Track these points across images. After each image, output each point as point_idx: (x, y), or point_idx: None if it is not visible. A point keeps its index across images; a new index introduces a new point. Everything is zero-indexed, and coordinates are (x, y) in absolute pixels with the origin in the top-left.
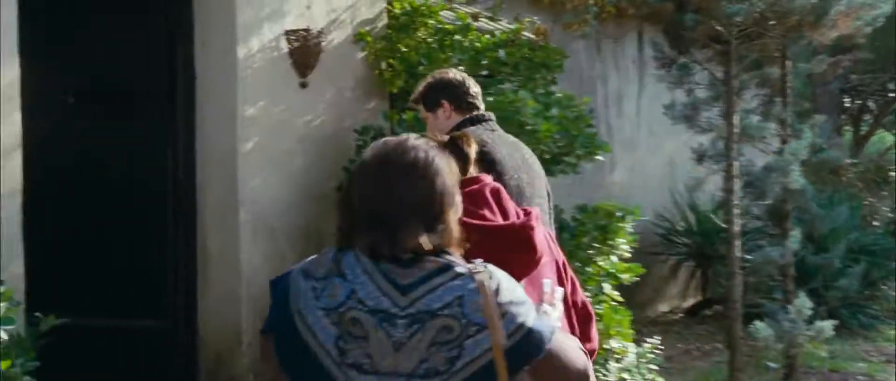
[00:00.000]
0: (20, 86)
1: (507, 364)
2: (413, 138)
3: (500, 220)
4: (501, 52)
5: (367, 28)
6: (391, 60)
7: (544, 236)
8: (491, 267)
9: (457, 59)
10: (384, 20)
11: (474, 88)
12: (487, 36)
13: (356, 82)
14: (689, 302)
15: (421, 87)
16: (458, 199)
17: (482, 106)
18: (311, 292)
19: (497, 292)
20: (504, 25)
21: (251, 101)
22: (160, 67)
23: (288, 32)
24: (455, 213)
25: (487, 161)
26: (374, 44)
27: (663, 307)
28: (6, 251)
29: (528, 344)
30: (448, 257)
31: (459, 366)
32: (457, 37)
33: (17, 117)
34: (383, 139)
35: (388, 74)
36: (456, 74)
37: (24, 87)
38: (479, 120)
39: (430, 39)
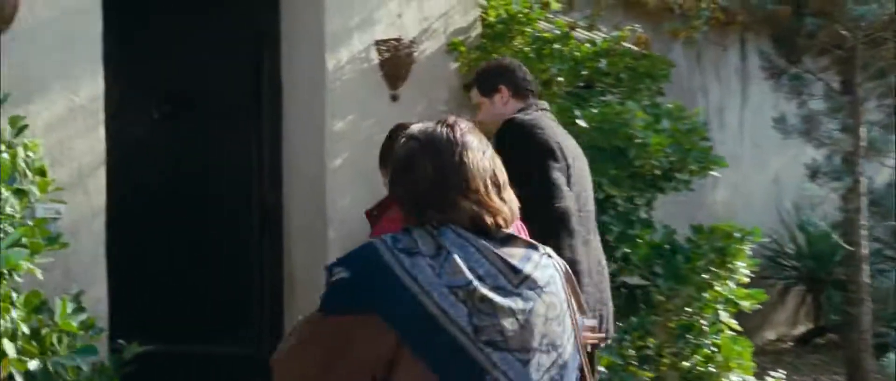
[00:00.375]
0: (104, 100)
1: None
2: (450, 117)
3: None
4: (602, 62)
5: (461, 37)
6: None
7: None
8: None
9: (555, 69)
10: (478, 29)
11: (530, 75)
12: (587, 45)
13: (450, 94)
14: (800, 330)
15: (477, 70)
16: None
17: (536, 93)
18: (430, 270)
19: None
20: (602, 35)
21: (340, 114)
22: (245, 78)
23: (378, 42)
24: None
25: (554, 147)
26: (469, 54)
27: (770, 335)
28: (88, 274)
29: (580, 325)
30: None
31: (566, 340)
32: (556, 46)
33: (100, 133)
34: (416, 124)
35: None
36: (512, 59)
37: (108, 100)
38: (541, 108)
39: (527, 48)
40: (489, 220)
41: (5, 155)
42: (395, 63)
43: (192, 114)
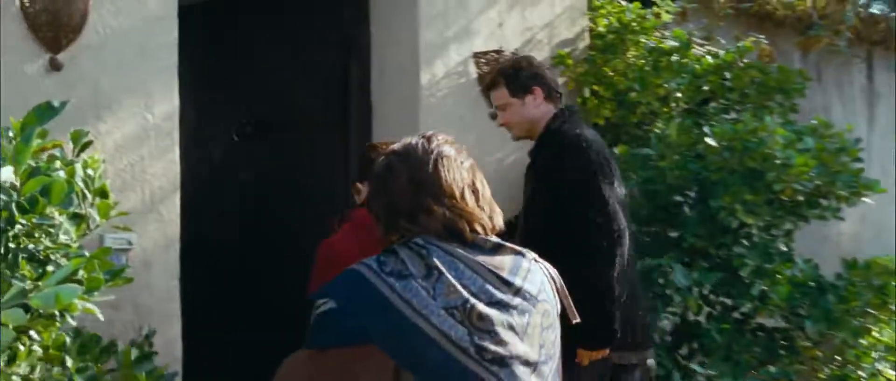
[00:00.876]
0: (179, 117)
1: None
2: (429, 132)
3: None
4: (727, 76)
5: (567, 49)
6: (596, 86)
7: None
8: None
9: (674, 84)
10: (586, 40)
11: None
12: (708, 58)
13: None
14: None
15: (503, 69)
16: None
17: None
18: (424, 293)
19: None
20: (715, 49)
21: None
22: (332, 94)
23: (477, 55)
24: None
25: (605, 163)
26: (576, 67)
27: None
28: (161, 311)
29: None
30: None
31: (557, 346)
32: (674, 58)
33: (175, 154)
34: (400, 142)
35: (593, 103)
36: (538, 60)
37: (184, 118)
38: (574, 111)
39: (641, 61)
40: (463, 225)
41: (61, 173)
42: None
43: (274, 132)
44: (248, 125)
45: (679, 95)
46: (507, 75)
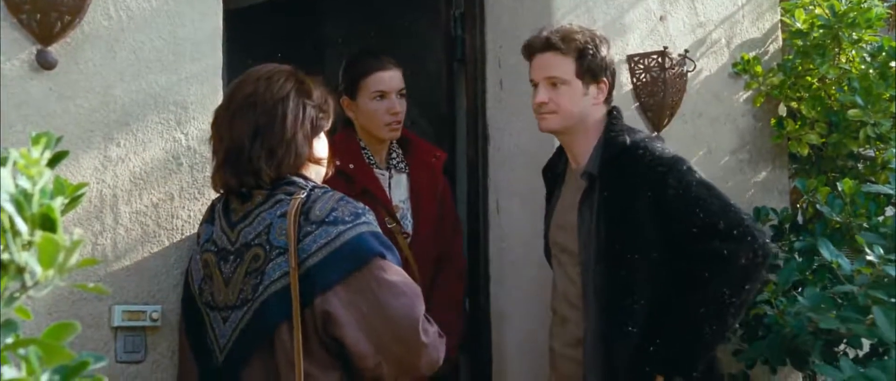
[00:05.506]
0: None
1: (302, 287)
2: (269, 66)
3: None
4: None
5: (753, 53)
6: (795, 103)
7: None
8: (323, 190)
9: None
10: (779, 41)
11: None
12: None
13: (739, 138)
14: None
15: (576, 37)
16: (309, 115)
17: None
18: (196, 237)
19: (306, 213)
20: None
21: None
22: (435, 111)
23: (632, 58)
24: (304, 135)
25: None
26: (767, 76)
27: None
28: None
29: (328, 267)
30: (288, 185)
31: (260, 291)
32: None
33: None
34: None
35: (792, 126)
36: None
37: None
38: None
39: (863, 65)
40: (239, 178)
41: None
42: (659, 89)
43: None
44: None
45: None
46: (582, 48)
